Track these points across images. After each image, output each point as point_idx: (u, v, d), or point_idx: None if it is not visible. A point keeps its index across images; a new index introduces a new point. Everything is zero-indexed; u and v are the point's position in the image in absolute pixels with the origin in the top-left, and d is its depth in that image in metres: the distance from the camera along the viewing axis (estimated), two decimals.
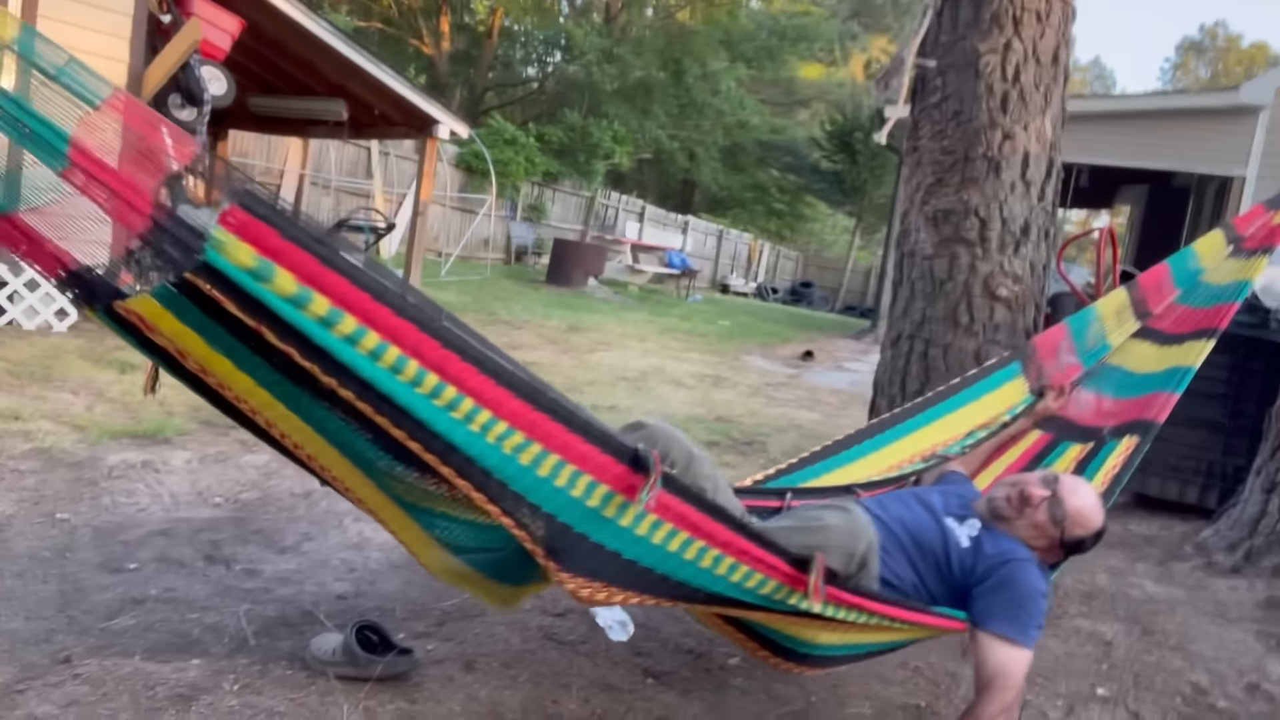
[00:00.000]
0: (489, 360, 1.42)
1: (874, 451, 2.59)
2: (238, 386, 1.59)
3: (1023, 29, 3.00)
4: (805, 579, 1.67)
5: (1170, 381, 2.66)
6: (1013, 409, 2.63)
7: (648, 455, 1.49)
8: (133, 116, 1.30)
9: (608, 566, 1.59)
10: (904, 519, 2.09)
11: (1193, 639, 3.04)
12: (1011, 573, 1.96)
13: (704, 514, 1.59)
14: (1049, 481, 2.10)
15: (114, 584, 2.46)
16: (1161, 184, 13.14)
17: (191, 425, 4.03)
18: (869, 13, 32.82)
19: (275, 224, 1.26)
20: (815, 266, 30.50)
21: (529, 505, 1.50)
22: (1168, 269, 2.91)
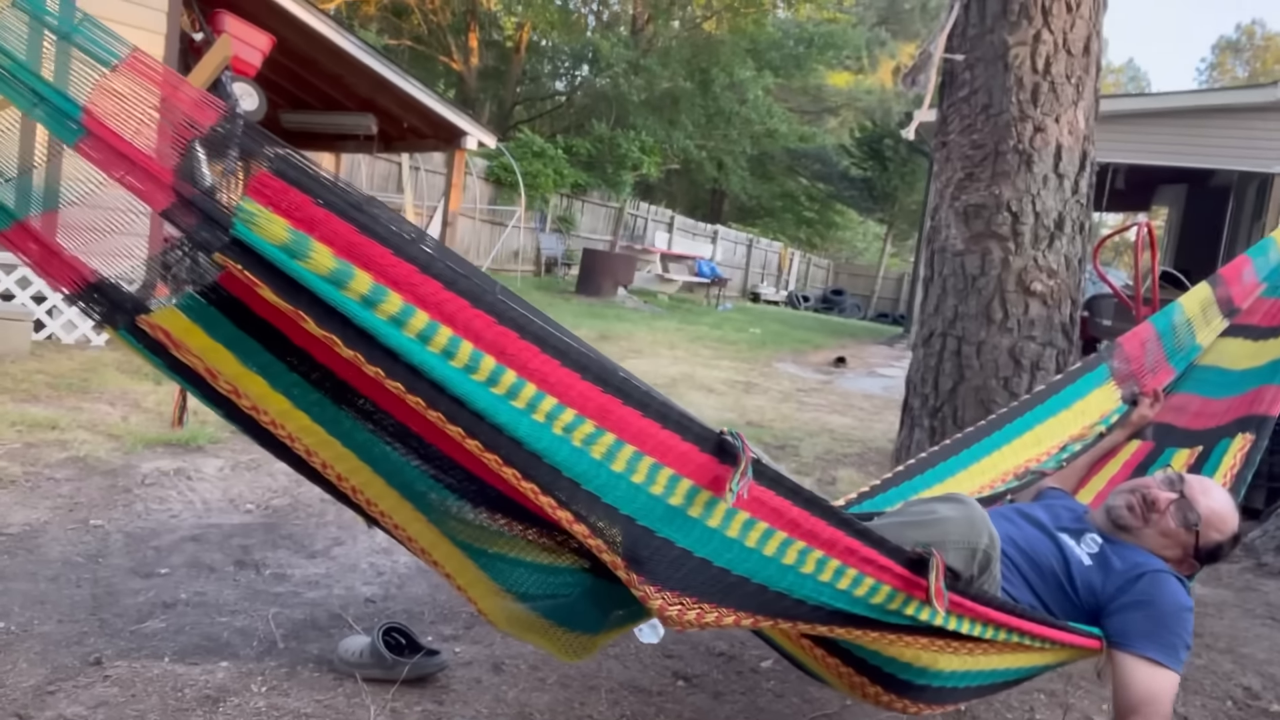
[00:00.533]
0: (551, 337, 1.25)
1: (962, 470, 2.38)
2: (273, 409, 1.46)
3: (1052, 20, 2.94)
4: (923, 582, 1.44)
5: (1276, 374, 2.48)
6: (1106, 418, 2.46)
7: (736, 441, 1.30)
8: (153, 77, 1.19)
9: (697, 577, 1.36)
10: (1013, 537, 1.87)
11: (1243, 641, 2.95)
12: (1151, 586, 1.76)
13: (802, 509, 1.37)
14: (1174, 482, 1.90)
15: (145, 588, 2.47)
16: (1200, 184, 12.90)
17: (224, 434, 4.07)
18: (897, 19, 32.65)
19: (309, 189, 1.15)
20: (847, 274, 30.32)
21: (604, 507, 1.30)
22: (1249, 262, 2.76)
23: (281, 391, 1.42)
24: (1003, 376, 2.85)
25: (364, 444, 1.50)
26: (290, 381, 1.41)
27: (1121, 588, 1.77)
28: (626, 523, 1.30)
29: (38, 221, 1.33)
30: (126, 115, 1.17)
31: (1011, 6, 2.97)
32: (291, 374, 1.40)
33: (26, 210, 1.33)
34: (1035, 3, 2.94)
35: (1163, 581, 1.77)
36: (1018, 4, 2.96)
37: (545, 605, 1.72)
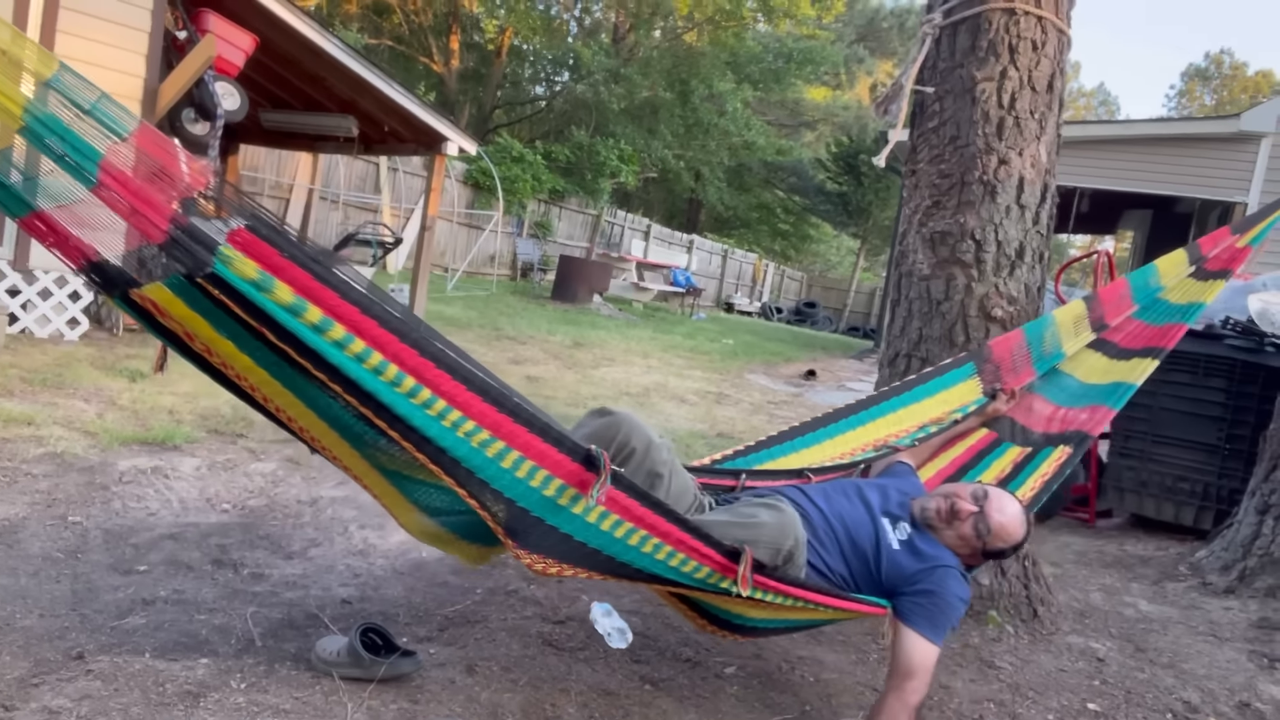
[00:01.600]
0: (461, 368, 1.64)
1: (829, 439, 2.72)
2: (239, 365, 1.76)
3: (1018, 57, 3.07)
4: (735, 568, 1.89)
5: (1112, 396, 2.81)
6: (964, 407, 2.74)
7: (599, 455, 1.71)
8: (155, 146, 1.49)
9: (560, 547, 1.82)
10: (844, 514, 2.28)
11: (1185, 657, 3.08)
12: (941, 579, 2.17)
13: (648, 508, 1.81)
14: (978, 498, 2.27)
15: (124, 585, 2.52)
16: (1165, 209, 13.23)
17: (200, 433, 4.10)
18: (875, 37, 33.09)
19: (276, 244, 1.48)
20: (820, 287, 30.60)
21: (492, 491, 1.72)
22: (1128, 284, 2.98)
23: (247, 353, 1.71)
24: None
25: (313, 397, 1.82)
26: (254, 345, 1.66)
27: (918, 573, 2.18)
28: (509, 504, 1.74)
29: (52, 212, 1.58)
30: (133, 173, 1.46)
31: (980, 43, 3.10)
32: (255, 340, 1.64)
33: (42, 203, 1.58)
34: (1002, 41, 3.07)
35: (951, 576, 2.18)
36: (986, 41, 3.09)
37: (451, 520, 2.15)
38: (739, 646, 2.68)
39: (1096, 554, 4.28)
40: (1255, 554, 3.77)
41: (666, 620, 2.79)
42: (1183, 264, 2.98)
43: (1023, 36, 3.07)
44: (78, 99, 1.42)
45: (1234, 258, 3.00)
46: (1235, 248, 3.01)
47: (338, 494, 3.62)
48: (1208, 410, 4.57)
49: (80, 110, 1.42)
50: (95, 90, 1.44)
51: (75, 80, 1.43)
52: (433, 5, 24.10)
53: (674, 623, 2.77)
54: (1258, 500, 3.89)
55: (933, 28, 3.22)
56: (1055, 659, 2.91)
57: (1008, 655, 2.87)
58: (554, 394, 6.33)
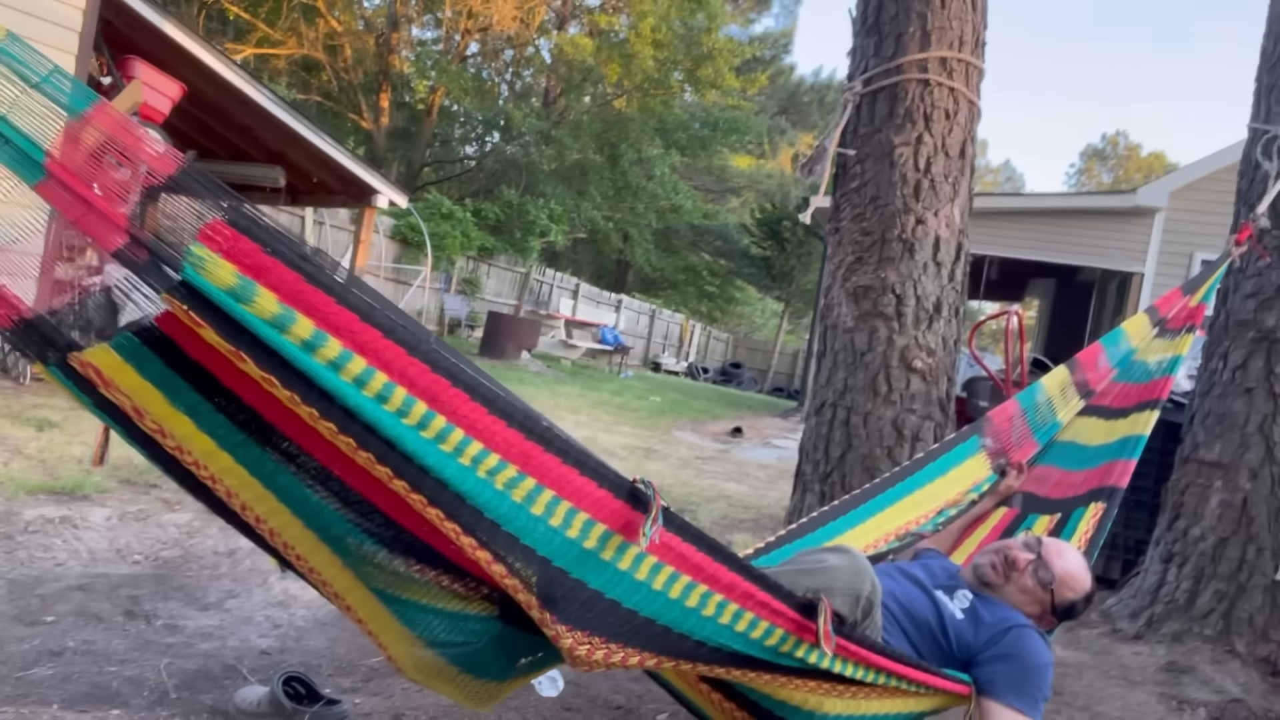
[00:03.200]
0: (480, 386, 1.32)
1: (849, 530, 2.51)
2: (197, 449, 1.49)
3: (933, 125, 3.26)
4: (813, 626, 1.54)
5: (1125, 449, 2.76)
6: (978, 485, 2.67)
7: (647, 489, 1.40)
8: (115, 127, 1.23)
9: (607, 618, 1.44)
10: (894, 592, 2.02)
11: (1099, 700, 3.18)
12: (1017, 640, 1.92)
13: (706, 554, 1.46)
14: (1031, 545, 2.09)
15: (30, 635, 2.39)
16: (1067, 279, 13.92)
17: (111, 483, 3.94)
18: (796, 110, 34.37)
19: (259, 238, 1.19)
20: (745, 348, 31.11)
21: (523, 548, 1.36)
22: (1102, 350, 3.06)
23: (207, 432, 1.45)
24: (886, 445, 3.06)
25: (285, 486, 1.53)
26: (216, 422, 1.44)
27: (990, 639, 1.93)
28: (542, 564, 1.36)
29: None
30: (88, 161, 1.22)
31: (898, 110, 3.29)
32: (218, 414, 1.43)
33: None
34: (918, 109, 3.27)
35: (1027, 637, 1.93)
36: (903, 109, 3.28)
37: (454, 652, 1.76)
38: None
39: None
40: (1161, 601, 3.94)
41: None
42: (1146, 326, 3.09)
43: (936, 105, 3.26)
44: (26, 71, 1.20)
45: (1192, 314, 3.12)
46: (1190, 306, 3.13)
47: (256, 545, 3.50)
48: None
49: (28, 84, 1.20)
50: (47, 62, 1.20)
51: (23, 49, 1.20)
52: (363, 64, 24.19)
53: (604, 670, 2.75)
54: (1162, 549, 4.07)
55: (854, 95, 3.40)
56: None
57: None
58: None
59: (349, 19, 23.28)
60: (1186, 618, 3.82)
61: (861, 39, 3.45)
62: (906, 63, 3.26)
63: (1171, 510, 4.08)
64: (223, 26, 22.00)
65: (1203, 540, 3.90)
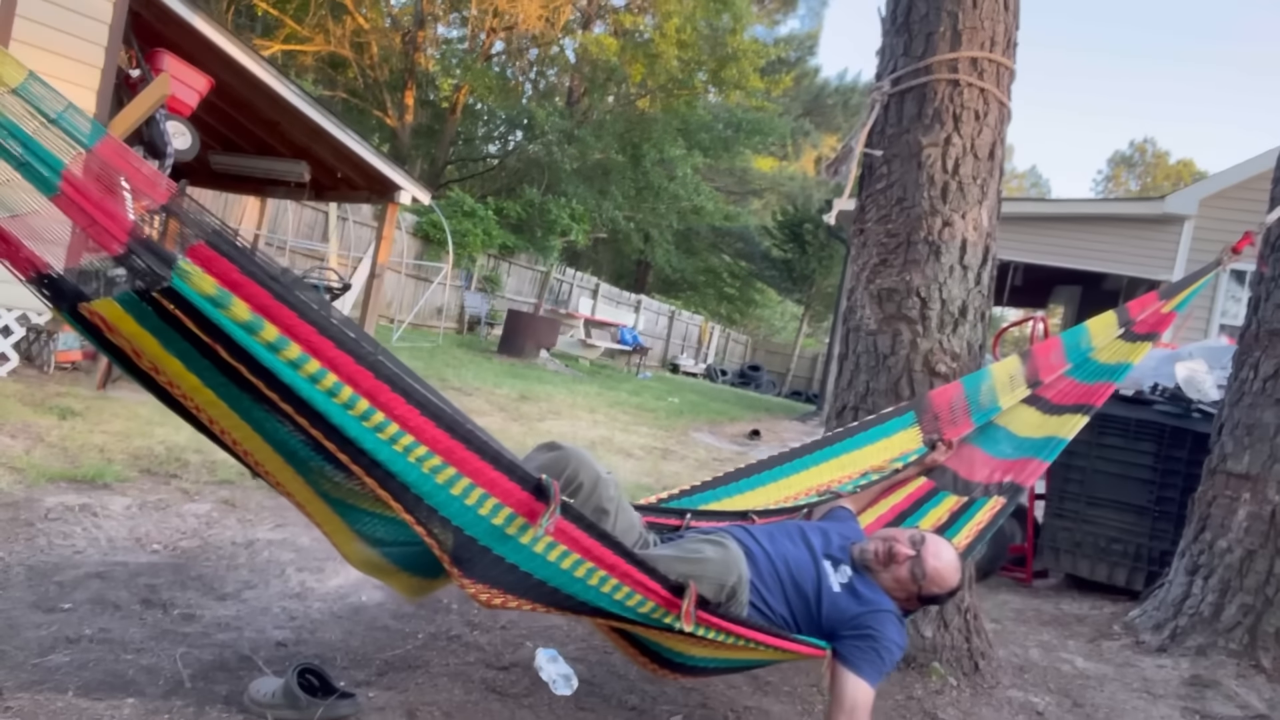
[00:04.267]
0: (415, 392, 1.63)
1: (773, 481, 2.75)
2: (185, 385, 1.73)
3: (962, 126, 3.21)
4: (679, 603, 1.90)
5: (1044, 449, 2.93)
6: (905, 456, 2.81)
7: (549, 485, 1.70)
8: (118, 158, 1.47)
9: (506, 577, 1.80)
10: (787, 555, 2.30)
11: (1121, 713, 3.13)
12: (880, 623, 2.21)
13: (595, 540, 1.81)
14: (916, 543, 2.33)
15: (48, 622, 2.40)
16: (1093, 285, 13.76)
17: (132, 473, 3.96)
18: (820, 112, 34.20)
19: (236, 260, 1.46)
20: (764, 351, 31.00)
21: (440, 518, 1.70)
22: (1060, 343, 3.12)
23: (194, 373, 1.67)
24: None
25: (259, 419, 1.77)
26: (202, 365, 1.64)
27: (857, 616, 2.22)
28: (456, 531, 1.72)
29: (4, 222, 1.54)
30: (95, 184, 1.45)
31: (926, 111, 3.24)
32: (204, 359, 1.62)
33: None
34: (947, 110, 3.22)
35: (889, 621, 2.23)
36: (931, 109, 3.23)
37: (393, 551, 2.10)
38: (685, 694, 2.65)
39: (1034, 612, 4.35)
40: (1186, 613, 3.87)
41: (612, 668, 2.75)
42: (1112, 325, 3.14)
43: (966, 106, 3.22)
44: (44, 108, 1.41)
45: (1160, 322, 3.17)
46: (1161, 312, 3.18)
47: (274, 536, 3.51)
48: (1138, 473, 4.72)
49: (46, 119, 1.41)
50: (62, 100, 1.43)
51: (43, 89, 1.42)
52: (389, 61, 24.30)
53: (619, 670, 2.73)
54: (1187, 561, 4.00)
55: (882, 95, 3.36)
56: (996, 712, 2.93)
57: (950, 708, 2.88)
58: None
59: (376, 16, 23.39)
60: (1211, 631, 3.75)
61: (890, 38, 3.41)
62: (936, 62, 3.22)
63: (1198, 522, 4.02)
64: (251, 22, 22.17)
65: (1229, 552, 3.84)
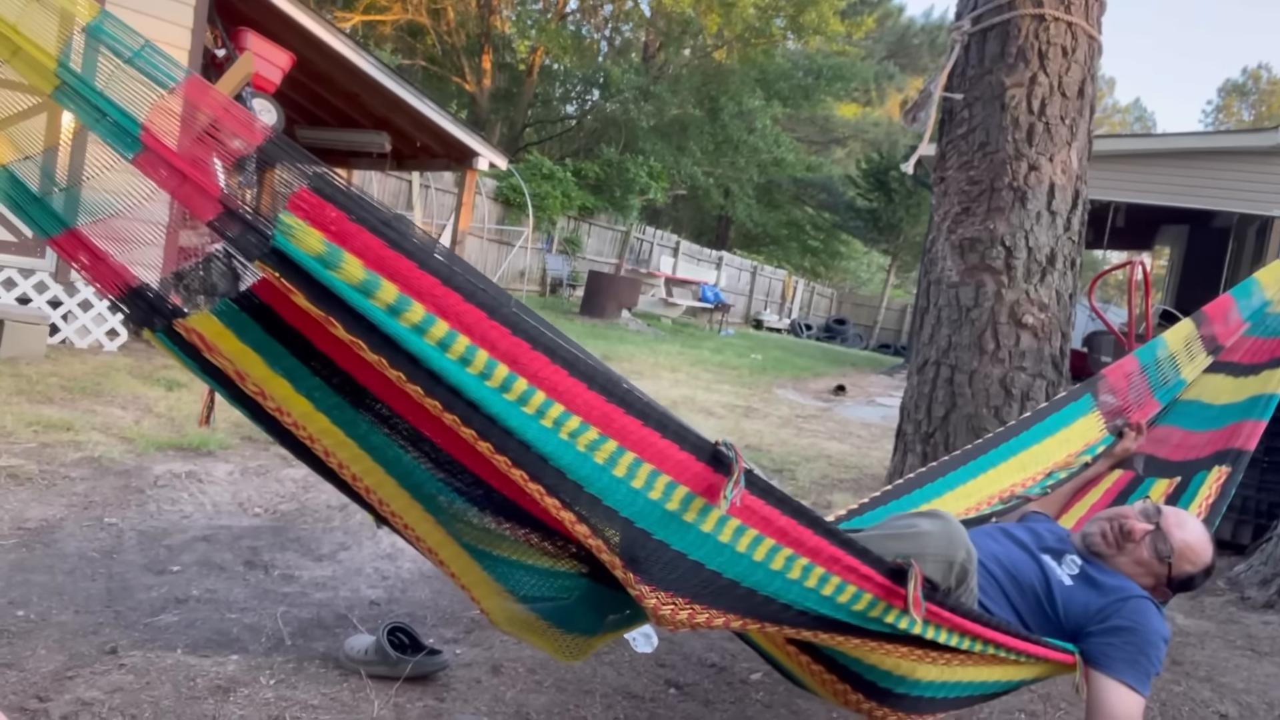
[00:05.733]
0: (560, 349, 1.34)
1: (949, 491, 2.44)
2: (295, 411, 1.55)
3: (1048, 63, 3.06)
4: (902, 591, 1.51)
5: (1255, 409, 2.56)
6: (1091, 447, 2.54)
7: (729, 451, 1.39)
8: (206, 100, 1.27)
9: (690, 579, 1.44)
10: (997, 554, 1.94)
11: (1223, 671, 3.01)
12: (1136, 612, 1.82)
13: (790, 517, 1.45)
14: (1150, 514, 1.95)
15: (158, 584, 2.56)
16: (1201, 224, 13.04)
17: (234, 440, 4.16)
18: (905, 53, 33.03)
19: (344, 206, 1.23)
20: (850, 304, 30.46)
21: (605, 509, 1.38)
22: (1232, 302, 2.86)
23: (304, 394, 1.50)
24: (993, 405, 2.94)
25: (379, 446, 1.58)
26: (313, 385, 1.49)
27: (1105, 608, 1.83)
28: (625, 525, 1.38)
29: (87, 229, 1.43)
30: (181, 133, 1.26)
31: (1010, 49, 3.09)
32: (314, 378, 1.48)
33: (76, 219, 1.43)
34: (1032, 47, 3.06)
35: (1146, 609, 1.82)
36: (1015, 47, 3.08)
37: (544, 607, 1.80)
38: None
39: None
40: None
41: None
42: None
43: (1052, 42, 3.06)
44: (119, 47, 1.25)
45: None
46: None
47: None
48: None
49: (121, 59, 1.25)
50: (139, 37, 1.26)
51: (117, 26, 1.26)
52: (465, 27, 24.43)
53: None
54: None
55: (961, 35, 3.22)
56: None
57: None
58: None
59: None
60: None
61: None
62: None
63: None
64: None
65: None
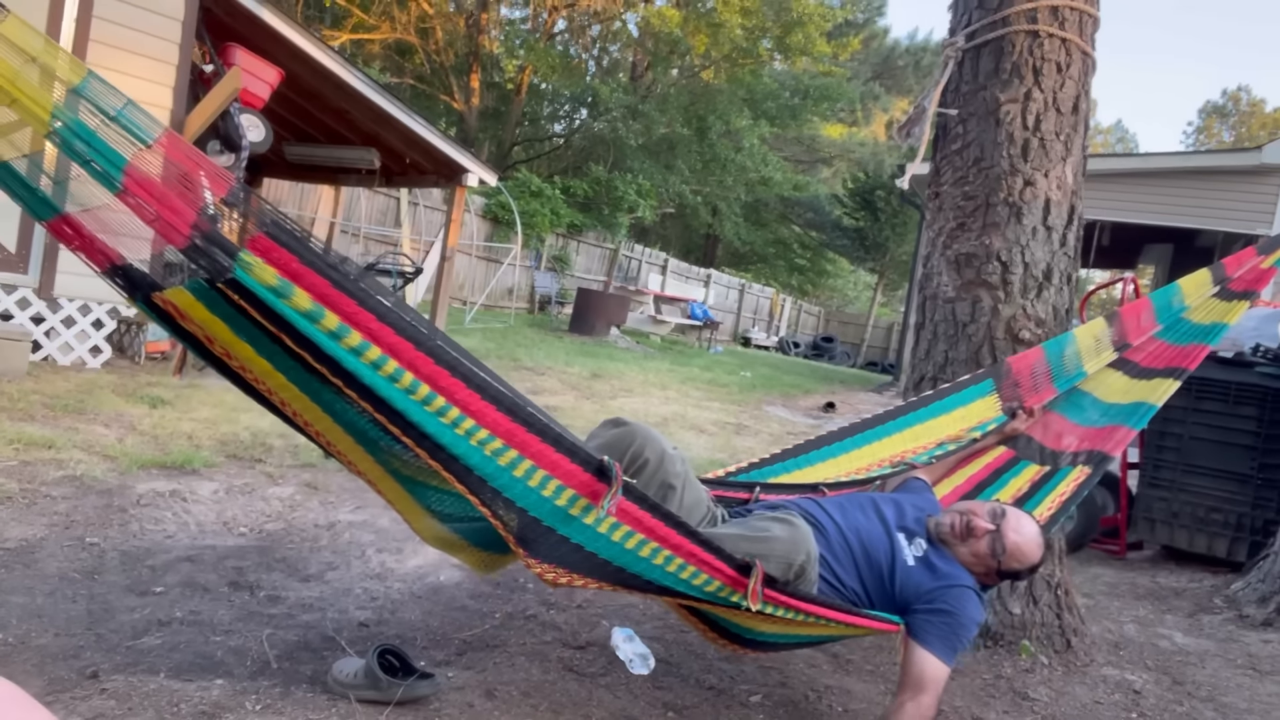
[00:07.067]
0: (475, 376, 1.65)
1: (844, 453, 2.67)
2: (257, 369, 1.78)
3: (1043, 79, 3.05)
4: (746, 582, 1.88)
5: (1133, 416, 2.76)
6: (983, 425, 2.69)
7: (610, 466, 1.71)
8: (178, 154, 1.49)
9: (571, 557, 1.82)
10: (859, 528, 2.24)
11: (1224, 690, 2.98)
12: (956, 599, 2.12)
13: (659, 520, 1.81)
14: (995, 516, 2.23)
15: (140, 605, 2.49)
16: (1185, 243, 13.12)
17: (218, 458, 4.09)
18: (890, 74, 33.29)
19: (295, 250, 1.48)
20: (837, 322, 30.53)
21: (504, 500, 1.72)
22: (1150, 304, 2.95)
23: (265, 357, 1.72)
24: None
25: (329, 401, 1.82)
26: (272, 350, 1.68)
27: (933, 590, 2.14)
28: (520, 513, 1.74)
29: (77, 216, 1.60)
30: (158, 179, 1.46)
31: (1004, 65, 3.09)
32: (274, 344, 1.66)
33: (68, 207, 1.60)
34: (1026, 63, 3.06)
35: (967, 597, 2.14)
36: (1010, 63, 3.07)
37: (464, 527, 2.15)
38: (764, 674, 2.61)
39: (1128, 586, 4.18)
40: None
41: (689, 647, 2.72)
42: (1206, 284, 2.95)
43: (1046, 58, 3.05)
44: (104, 105, 1.43)
45: (1259, 278, 2.95)
46: (1260, 268, 2.96)
47: (355, 518, 3.58)
48: (1239, 439, 4.48)
49: (106, 117, 1.43)
50: (122, 97, 1.45)
51: (102, 87, 1.44)
52: (454, 45, 24.48)
53: (696, 649, 2.71)
54: None
55: (955, 51, 3.21)
56: (1091, 691, 2.82)
57: (1042, 687, 2.78)
58: (571, 423, 6.29)
59: (440, 1, 23.57)
60: None
61: None
62: (1014, 13, 3.05)
63: None
64: (320, 14, 22.55)
65: None
